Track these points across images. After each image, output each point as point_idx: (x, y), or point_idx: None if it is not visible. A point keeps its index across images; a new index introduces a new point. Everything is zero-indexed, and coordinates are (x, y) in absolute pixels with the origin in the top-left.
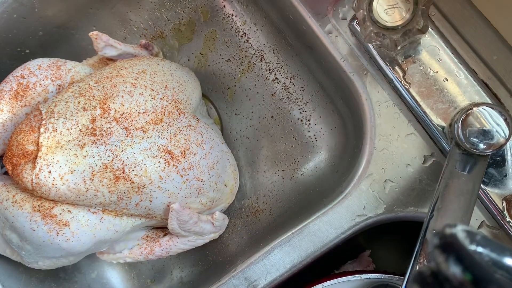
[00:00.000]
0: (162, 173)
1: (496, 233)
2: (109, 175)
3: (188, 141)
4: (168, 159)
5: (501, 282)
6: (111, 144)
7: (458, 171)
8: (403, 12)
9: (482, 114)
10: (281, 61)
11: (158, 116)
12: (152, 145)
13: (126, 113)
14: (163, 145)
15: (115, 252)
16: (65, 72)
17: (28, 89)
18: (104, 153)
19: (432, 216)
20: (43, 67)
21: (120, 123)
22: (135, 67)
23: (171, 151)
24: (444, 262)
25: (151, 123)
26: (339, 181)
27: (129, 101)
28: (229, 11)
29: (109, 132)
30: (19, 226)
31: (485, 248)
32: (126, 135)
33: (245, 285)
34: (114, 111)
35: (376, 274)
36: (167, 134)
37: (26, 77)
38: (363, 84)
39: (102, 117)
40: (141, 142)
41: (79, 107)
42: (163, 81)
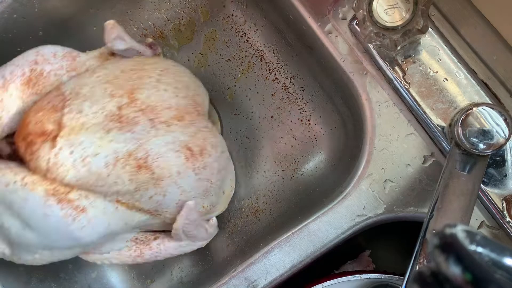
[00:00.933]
0: (180, 169)
1: (496, 233)
2: (132, 163)
3: (205, 142)
4: (188, 156)
5: (501, 282)
6: (137, 133)
7: (458, 171)
8: (403, 12)
9: (482, 114)
10: (281, 61)
11: (181, 113)
12: (175, 139)
13: (151, 106)
14: (184, 141)
15: (101, 253)
16: (80, 64)
17: (41, 77)
18: (130, 141)
19: (432, 216)
20: (58, 55)
21: (145, 114)
22: (157, 64)
23: (191, 148)
24: (444, 262)
25: (175, 119)
26: (339, 181)
27: (154, 95)
28: (229, 11)
29: (135, 122)
30: (29, 211)
31: (485, 248)
32: (151, 126)
33: (245, 285)
34: (140, 102)
35: (376, 274)
36: (188, 131)
37: (40, 64)
38: (363, 84)
39: (128, 106)
40: (165, 135)
41: (106, 93)
42: (185, 82)
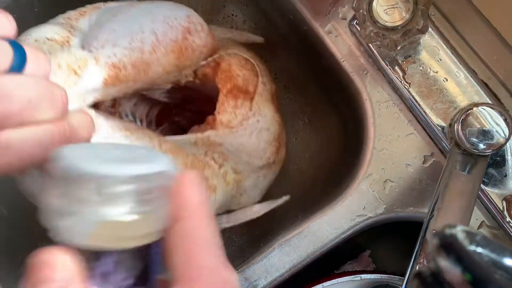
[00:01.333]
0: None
1: (496, 233)
2: (276, 144)
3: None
4: (286, 148)
5: (500, 282)
6: (281, 119)
7: (458, 171)
8: (403, 12)
9: (482, 114)
10: (281, 61)
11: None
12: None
13: (277, 97)
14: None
15: None
16: (217, 44)
17: (189, 50)
18: (280, 125)
19: (432, 216)
20: (204, 29)
21: (279, 104)
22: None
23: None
24: (444, 262)
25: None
26: (339, 181)
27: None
28: (229, 11)
29: (279, 108)
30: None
31: (484, 248)
32: (282, 116)
33: (245, 285)
34: (276, 92)
35: (376, 274)
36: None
37: (192, 34)
38: (363, 84)
39: (275, 93)
40: (284, 126)
41: (268, 76)
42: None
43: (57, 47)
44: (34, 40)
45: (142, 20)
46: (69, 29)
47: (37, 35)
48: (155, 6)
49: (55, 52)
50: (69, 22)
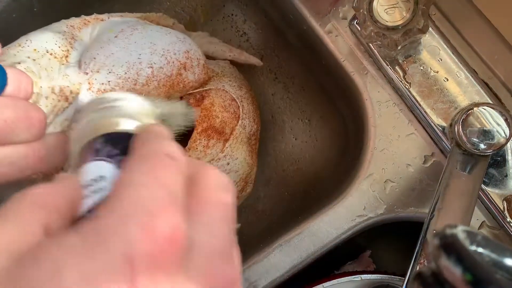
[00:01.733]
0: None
1: (496, 233)
2: (242, 184)
3: None
4: (253, 185)
5: (501, 282)
6: (253, 160)
7: (459, 171)
8: (403, 11)
9: (482, 114)
10: (281, 61)
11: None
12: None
13: (257, 137)
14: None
15: None
16: (209, 78)
17: (181, 85)
18: (250, 166)
19: (433, 217)
20: (200, 64)
21: (256, 143)
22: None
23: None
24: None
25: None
26: (339, 181)
27: (259, 127)
28: (229, 10)
29: (254, 149)
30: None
31: (485, 248)
32: (256, 155)
33: (245, 285)
34: (258, 131)
35: (377, 274)
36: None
37: (187, 70)
38: (364, 84)
39: (255, 134)
40: (256, 165)
41: (253, 117)
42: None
43: (55, 64)
44: (33, 49)
45: (142, 49)
46: (70, 39)
47: (38, 44)
48: (158, 36)
49: (52, 73)
50: (72, 31)
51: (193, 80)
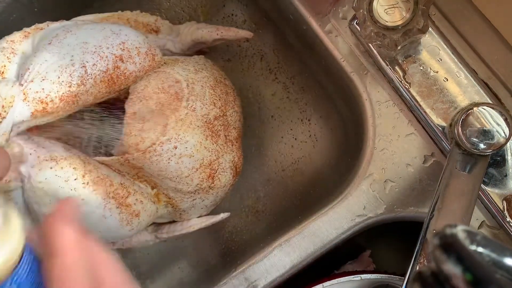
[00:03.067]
0: (228, 184)
1: (496, 233)
2: (207, 172)
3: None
4: (234, 174)
5: (501, 282)
6: (219, 146)
7: (459, 171)
8: (403, 11)
9: (482, 114)
10: (281, 61)
11: (239, 135)
12: (233, 158)
13: (229, 124)
14: (235, 162)
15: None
16: (156, 63)
17: (123, 77)
18: (214, 152)
19: (433, 216)
20: (141, 53)
21: (224, 130)
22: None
23: (238, 168)
24: (444, 262)
25: (238, 138)
26: (339, 181)
27: (233, 115)
28: (229, 10)
29: (218, 135)
30: (88, 210)
31: (485, 248)
32: (225, 142)
33: (245, 285)
34: (226, 118)
35: (376, 274)
36: (238, 153)
37: (125, 62)
38: (363, 84)
39: (219, 119)
40: (230, 152)
41: (211, 100)
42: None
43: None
44: None
45: (74, 51)
46: (8, 55)
47: None
48: (91, 34)
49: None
50: (12, 45)
51: (136, 70)
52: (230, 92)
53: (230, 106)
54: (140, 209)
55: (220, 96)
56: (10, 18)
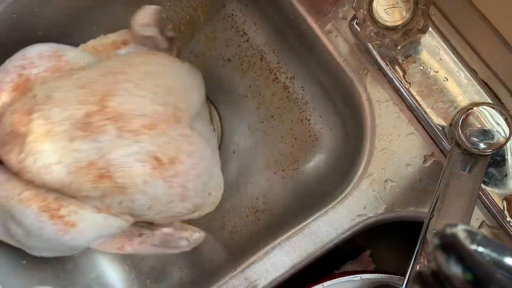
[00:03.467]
0: (147, 178)
1: (496, 233)
2: (94, 172)
3: (178, 151)
4: (155, 165)
5: (502, 282)
6: (101, 143)
7: (459, 171)
8: (403, 11)
9: (482, 113)
10: (281, 61)
11: (154, 122)
12: (142, 149)
13: (122, 114)
14: (153, 151)
15: None
16: (65, 63)
17: (28, 82)
18: (92, 150)
19: (433, 216)
20: (44, 56)
21: (114, 123)
22: (143, 65)
23: (159, 158)
24: (444, 262)
25: (145, 128)
26: (339, 181)
27: (128, 102)
28: (229, 10)
29: (101, 130)
30: (27, 223)
31: (485, 248)
32: (117, 135)
33: (245, 285)
34: (111, 109)
35: (376, 274)
36: (159, 141)
37: (27, 68)
38: (363, 84)
39: (98, 114)
40: (131, 145)
41: (77, 99)
42: (168, 87)
43: None
44: None
45: None
46: None
47: None
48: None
49: None
50: None
51: (42, 71)
52: (120, 79)
53: (110, 98)
54: (76, 219)
55: (96, 91)
56: (10, 18)
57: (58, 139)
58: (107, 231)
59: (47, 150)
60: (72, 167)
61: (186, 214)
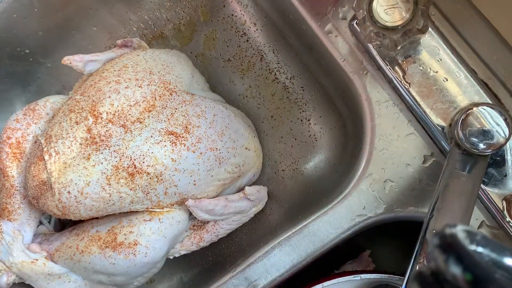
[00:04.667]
0: (172, 155)
1: (496, 233)
2: (123, 174)
3: (187, 116)
4: (173, 140)
5: (501, 282)
6: (114, 145)
7: (458, 171)
8: (403, 12)
9: (482, 114)
10: (281, 61)
11: (150, 103)
12: (152, 132)
13: (118, 111)
14: (163, 129)
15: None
16: (42, 108)
17: (20, 144)
18: (110, 156)
19: (432, 216)
20: (19, 118)
21: (115, 122)
22: (115, 65)
23: (173, 131)
24: (444, 262)
25: (145, 112)
26: (339, 181)
27: (117, 99)
28: (229, 11)
29: (108, 135)
30: (100, 267)
31: (485, 248)
32: (125, 131)
33: (245, 285)
34: (105, 113)
35: (376, 274)
36: (163, 117)
37: (12, 136)
38: (363, 84)
39: (96, 124)
40: (141, 133)
41: (72, 123)
42: (146, 68)
43: None
44: None
45: None
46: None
47: None
48: None
49: None
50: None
51: (22, 131)
52: (92, 92)
53: (99, 105)
54: (135, 237)
55: (84, 106)
56: (10, 18)
57: (76, 164)
58: (171, 231)
59: (72, 179)
60: (102, 180)
61: (236, 178)
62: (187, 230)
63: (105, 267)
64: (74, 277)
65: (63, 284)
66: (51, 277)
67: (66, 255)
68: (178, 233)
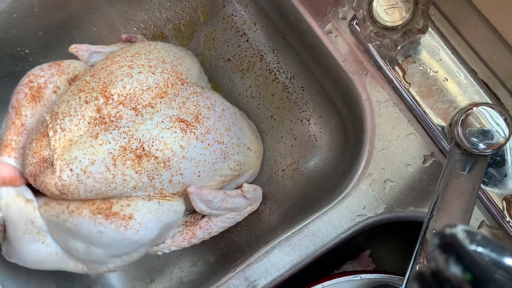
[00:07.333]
0: (182, 142)
1: (496, 233)
2: (131, 156)
3: (198, 107)
4: (183, 127)
5: (501, 282)
6: (124, 127)
7: (458, 171)
8: (403, 12)
9: (482, 114)
10: (281, 61)
11: (162, 90)
12: (163, 117)
13: (130, 94)
14: (174, 115)
15: (158, 244)
16: (66, 67)
17: (41, 89)
18: (119, 137)
19: (432, 216)
20: (44, 68)
21: (126, 105)
22: (127, 52)
23: (184, 119)
24: (444, 262)
25: (157, 97)
26: (339, 181)
27: (129, 82)
28: (229, 11)
29: (118, 116)
30: (85, 232)
31: (485, 248)
32: (135, 114)
33: (245, 285)
34: (117, 95)
35: (376, 274)
36: (175, 104)
37: (34, 81)
38: (363, 84)
39: (107, 105)
40: (152, 117)
41: (81, 102)
42: (159, 57)
43: None
44: None
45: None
46: None
47: None
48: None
49: None
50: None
51: (46, 78)
52: (103, 75)
53: (111, 86)
54: (131, 211)
55: (95, 87)
56: (10, 18)
57: (82, 142)
58: (166, 217)
59: (77, 156)
60: (108, 160)
61: (235, 175)
62: (179, 226)
63: (90, 234)
64: (49, 240)
65: (37, 243)
66: (30, 228)
67: (53, 211)
68: (172, 222)
